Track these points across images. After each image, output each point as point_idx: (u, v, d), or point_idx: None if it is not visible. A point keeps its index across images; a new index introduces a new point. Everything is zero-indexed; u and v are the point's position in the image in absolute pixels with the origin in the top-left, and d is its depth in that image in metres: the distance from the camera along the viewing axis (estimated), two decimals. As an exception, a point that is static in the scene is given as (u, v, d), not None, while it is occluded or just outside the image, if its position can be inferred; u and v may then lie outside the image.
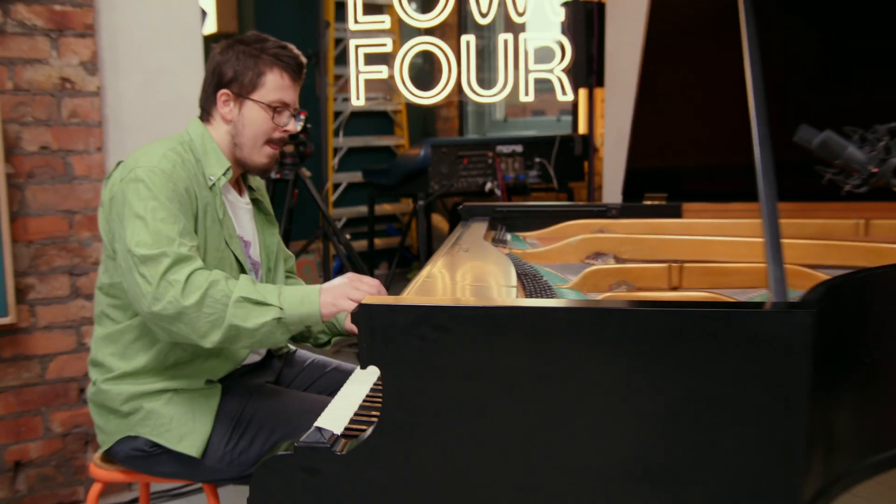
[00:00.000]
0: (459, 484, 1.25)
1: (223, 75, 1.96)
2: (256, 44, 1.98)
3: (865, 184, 1.89)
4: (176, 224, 1.75)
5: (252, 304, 1.68)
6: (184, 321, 1.69)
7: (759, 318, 1.23)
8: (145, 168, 1.79)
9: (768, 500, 1.25)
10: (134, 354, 1.91)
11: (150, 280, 1.68)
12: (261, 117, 1.97)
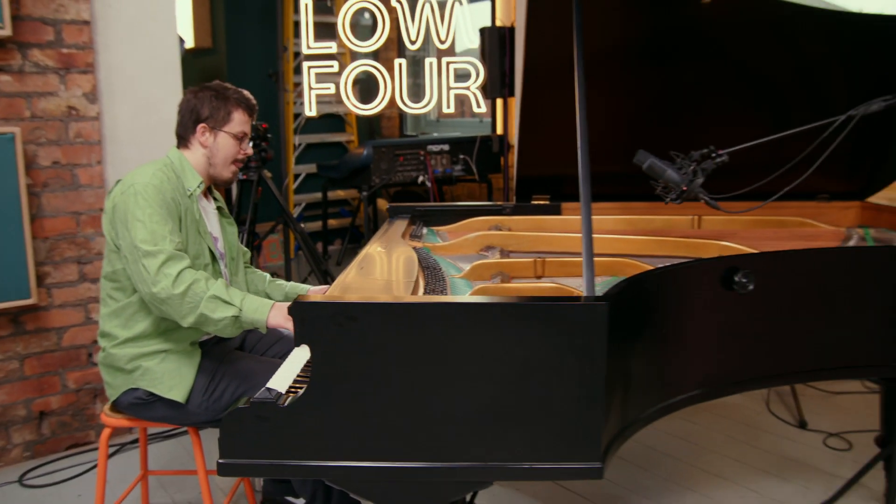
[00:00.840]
0: (366, 425, 1.53)
1: (201, 112, 2.23)
2: (222, 90, 2.26)
3: (679, 198, 2.16)
4: (166, 225, 2.03)
5: (220, 302, 1.96)
6: (170, 304, 1.97)
7: (571, 309, 1.50)
8: (141, 184, 2.06)
9: (579, 435, 1.53)
10: (134, 324, 2.15)
11: (150, 270, 1.96)
12: (230, 144, 2.25)
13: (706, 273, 1.93)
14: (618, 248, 2.45)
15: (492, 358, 1.50)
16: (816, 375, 2.23)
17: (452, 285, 2.03)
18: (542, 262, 2.18)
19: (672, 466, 3.02)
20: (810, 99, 2.66)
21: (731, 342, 1.99)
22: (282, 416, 1.53)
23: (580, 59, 2.03)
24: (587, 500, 2.77)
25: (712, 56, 2.56)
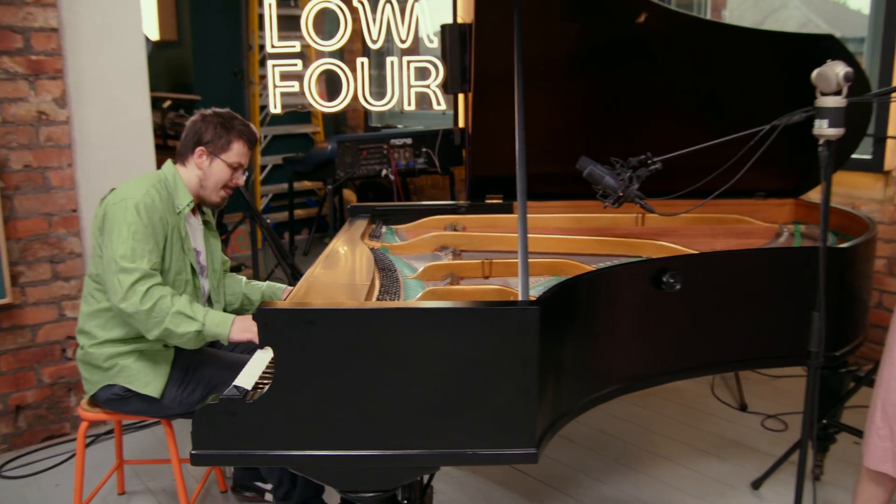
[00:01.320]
0: (324, 418, 1.71)
1: (203, 136, 2.38)
2: (229, 120, 2.40)
3: (617, 202, 2.36)
4: (147, 244, 2.19)
5: (184, 317, 2.15)
6: (136, 318, 2.16)
7: (506, 313, 1.70)
8: (134, 199, 2.21)
9: (516, 425, 1.72)
10: (112, 327, 2.32)
11: (123, 285, 2.13)
12: (224, 171, 2.40)
13: (637, 274, 2.14)
14: (562, 248, 2.65)
15: (436, 357, 1.69)
16: (740, 365, 2.46)
17: (406, 286, 2.22)
18: (489, 264, 2.38)
19: (619, 448, 3.25)
20: (746, 106, 2.86)
21: (660, 337, 2.21)
22: (248, 411, 1.71)
23: (520, 67, 2.20)
24: (538, 481, 2.98)
25: (654, 67, 2.76)
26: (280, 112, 4.38)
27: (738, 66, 2.74)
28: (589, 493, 2.91)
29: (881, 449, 2.11)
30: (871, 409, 2.18)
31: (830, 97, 1.82)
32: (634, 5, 2.45)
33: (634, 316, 2.15)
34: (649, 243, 2.58)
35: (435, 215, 3.07)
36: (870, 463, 2.15)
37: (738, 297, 2.31)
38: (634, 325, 2.15)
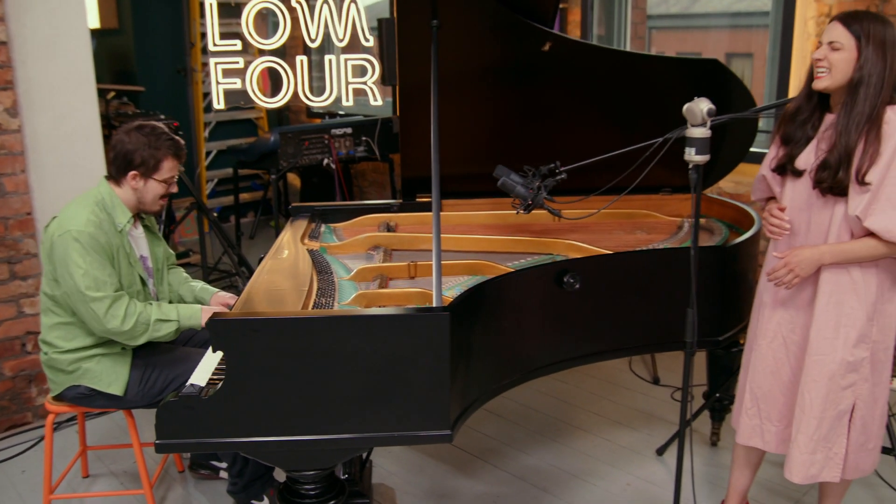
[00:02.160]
0: (269, 410, 2.04)
1: (132, 161, 2.60)
2: (154, 139, 2.60)
3: (527, 209, 2.69)
4: (104, 269, 2.47)
5: (163, 322, 2.48)
6: (121, 336, 2.49)
7: (421, 318, 2.04)
8: (76, 230, 2.45)
9: (432, 411, 2.07)
10: (73, 338, 2.60)
11: (99, 313, 2.44)
12: (159, 187, 2.66)
13: (541, 276, 2.50)
14: (481, 247, 3.00)
15: (364, 356, 2.02)
16: (635, 351, 2.85)
17: (340, 288, 2.54)
18: (414, 266, 2.71)
19: (541, 421, 3.64)
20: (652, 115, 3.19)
21: (563, 329, 2.58)
22: (204, 405, 2.03)
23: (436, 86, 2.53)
24: (468, 453, 3.36)
25: (565, 83, 3.08)
26: (223, 108, 4.62)
27: (640, 83, 3.09)
28: (513, 463, 3.30)
29: (751, 427, 2.51)
30: (738, 392, 2.58)
31: (698, 128, 2.17)
32: (541, 36, 2.78)
33: (539, 312, 2.51)
34: (559, 242, 2.94)
35: (370, 214, 3.39)
36: (742, 439, 2.55)
37: (632, 292, 2.69)
38: (540, 320, 2.52)
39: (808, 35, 4.04)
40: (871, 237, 2.15)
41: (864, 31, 2.13)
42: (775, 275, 2.27)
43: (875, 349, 2.26)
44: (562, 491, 3.09)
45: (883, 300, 2.24)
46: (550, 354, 2.57)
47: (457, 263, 2.72)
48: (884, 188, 2.10)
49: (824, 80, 2.17)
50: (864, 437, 2.33)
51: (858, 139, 2.13)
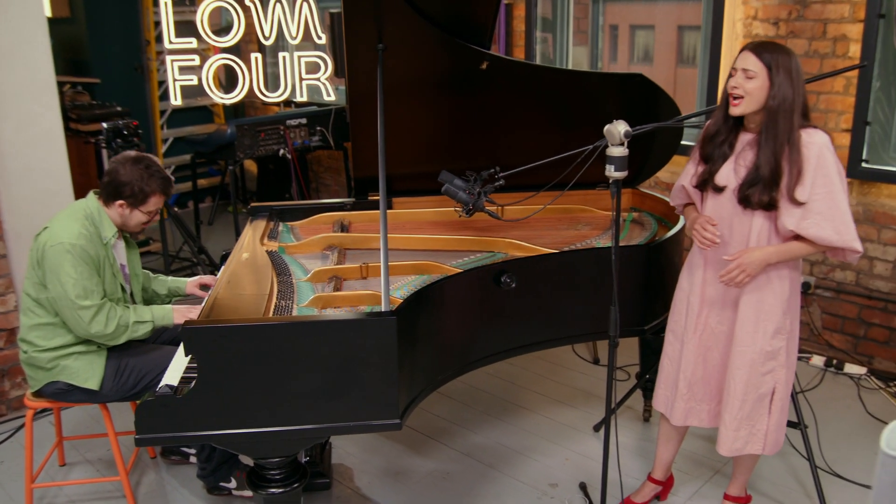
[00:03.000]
0: (236, 406, 2.32)
1: (122, 191, 2.87)
2: (147, 176, 2.89)
3: (469, 213, 2.97)
4: (92, 279, 2.75)
5: (140, 324, 2.76)
6: (103, 338, 2.77)
7: (370, 323, 2.33)
8: (68, 243, 2.72)
9: (383, 403, 2.36)
10: (52, 337, 2.85)
11: (85, 319, 2.72)
12: (143, 216, 2.95)
13: (480, 277, 2.80)
14: (428, 246, 3.29)
15: (321, 356, 2.31)
16: (569, 340, 3.18)
17: (298, 289, 2.82)
18: (366, 267, 2.99)
19: (488, 401, 3.98)
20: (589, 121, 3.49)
21: (501, 323, 2.89)
22: (178, 403, 2.30)
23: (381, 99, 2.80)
24: (420, 433, 3.68)
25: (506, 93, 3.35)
26: (181, 104, 4.83)
27: (575, 93, 3.39)
28: (461, 442, 3.63)
29: (687, 409, 2.85)
30: (663, 383, 2.91)
31: (616, 148, 2.46)
32: (478, 56, 3.06)
33: (479, 310, 2.82)
34: (500, 240, 3.25)
35: (325, 213, 3.65)
36: (679, 422, 2.88)
37: (565, 287, 3.01)
38: (480, 317, 2.83)
39: (737, 36, 4.37)
40: (802, 240, 2.49)
41: (773, 61, 2.43)
42: (729, 276, 2.57)
43: (789, 339, 2.61)
44: (506, 466, 3.42)
45: (794, 296, 2.60)
46: (489, 347, 2.88)
47: (404, 264, 3.00)
48: (813, 204, 2.42)
49: (740, 107, 2.48)
50: (781, 417, 2.70)
51: (782, 159, 2.44)
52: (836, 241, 2.43)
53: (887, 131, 4.07)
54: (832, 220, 2.42)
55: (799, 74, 2.45)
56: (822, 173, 2.42)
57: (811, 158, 2.42)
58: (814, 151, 2.42)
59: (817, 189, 2.43)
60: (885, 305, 4.16)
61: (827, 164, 2.42)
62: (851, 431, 3.70)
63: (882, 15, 3.82)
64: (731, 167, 2.56)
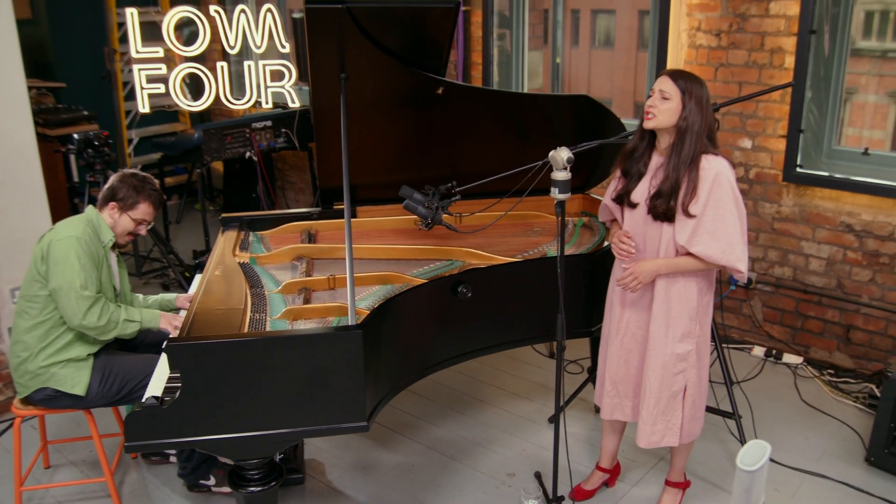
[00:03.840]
0: (217, 414, 2.59)
1: (116, 195, 3.19)
2: (140, 185, 3.20)
3: (428, 227, 3.24)
4: (93, 273, 3.03)
5: (129, 322, 3.03)
6: (95, 331, 3.03)
7: (338, 336, 2.60)
8: (75, 237, 3.02)
9: (351, 408, 2.64)
10: (46, 336, 3.09)
11: (82, 308, 2.98)
12: (130, 223, 3.22)
13: (438, 288, 3.09)
14: (391, 255, 3.56)
15: (294, 367, 2.58)
16: (522, 343, 3.48)
17: (271, 301, 3.08)
18: (333, 279, 3.26)
19: (451, 396, 4.28)
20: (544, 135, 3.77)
21: (459, 330, 3.18)
22: (164, 413, 2.56)
23: (345, 126, 3.05)
24: (387, 427, 3.97)
25: (466, 111, 3.61)
26: (149, 112, 5.03)
27: (528, 112, 3.68)
28: (425, 435, 3.92)
29: (612, 405, 3.17)
30: (598, 380, 3.23)
31: (560, 173, 2.75)
32: (434, 82, 3.32)
33: (438, 318, 3.11)
34: (457, 249, 3.52)
35: (293, 222, 3.90)
36: (606, 416, 3.21)
37: (517, 294, 3.30)
38: (438, 324, 3.12)
39: (682, 46, 4.67)
40: (693, 256, 2.80)
41: (687, 88, 2.74)
42: (623, 282, 2.91)
43: (699, 343, 2.93)
44: (466, 458, 3.73)
45: (702, 303, 2.91)
46: (447, 352, 3.18)
47: (368, 275, 3.27)
48: (702, 223, 2.74)
49: (652, 122, 2.78)
50: (693, 410, 3.02)
51: (682, 177, 2.76)
52: (721, 260, 2.75)
53: (819, 139, 4.41)
54: (720, 240, 2.74)
55: (708, 103, 2.77)
56: (716, 197, 2.73)
57: (708, 180, 2.73)
58: (711, 175, 2.73)
59: (709, 211, 2.74)
60: (820, 299, 4.52)
61: (722, 189, 2.73)
62: (786, 418, 4.05)
63: (813, 31, 4.14)
64: (645, 185, 2.87)
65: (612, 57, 5.62)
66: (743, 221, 2.78)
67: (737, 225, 2.76)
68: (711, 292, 2.96)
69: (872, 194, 4.20)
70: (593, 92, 5.69)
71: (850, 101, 4.44)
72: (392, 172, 3.79)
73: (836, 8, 4.21)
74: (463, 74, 5.66)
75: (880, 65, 4.32)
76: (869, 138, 4.41)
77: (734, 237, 2.75)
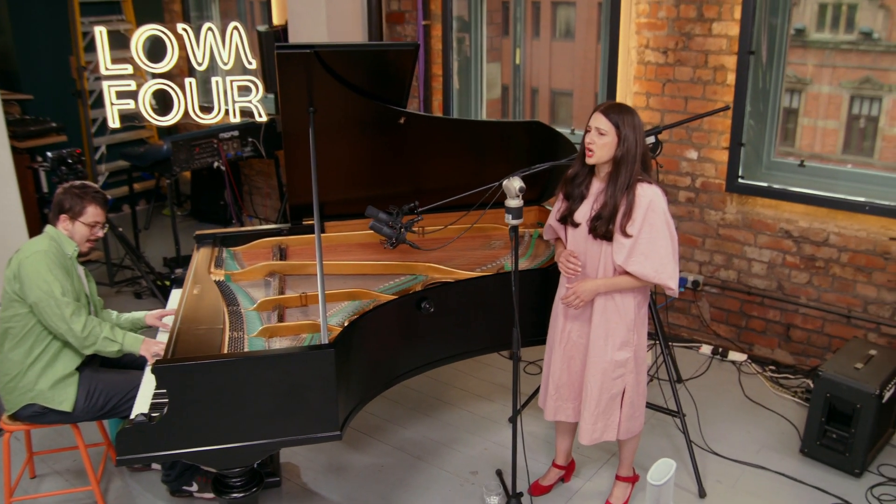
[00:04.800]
0: (200, 428, 2.85)
1: (63, 206, 3.39)
2: (82, 191, 3.40)
3: (393, 246, 3.51)
4: (67, 280, 3.26)
5: (109, 341, 3.25)
6: (78, 341, 3.25)
7: (310, 355, 2.88)
8: (43, 251, 3.25)
9: (324, 419, 2.92)
10: (31, 350, 3.32)
11: (66, 313, 3.21)
12: (84, 229, 3.42)
13: (403, 305, 3.37)
14: (358, 270, 3.83)
15: (271, 383, 2.85)
16: (481, 352, 3.77)
17: (247, 319, 3.35)
18: (305, 296, 3.53)
19: (416, 398, 4.57)
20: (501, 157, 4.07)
21: (422, 342, 3.48)
22: (152, 429, 2.82)
23: (314, 157, 3.32)
24: (357, 430, 4.26)
25: (428, 135, 3.90)
26: (119, 126, 5.24)
27: (486, 136, 3.98)
28: (393, 437, 4.22)
29: (555, 407, 3.48)
30: (542, 384, 3.54)
31: (513, 200, 3.05)
32: (396, 113, 3.60)
33: (403, 332, 3.40)
34: (421, 264, 3.81)
35: (264, 238, 4.16)
36: (550, 417, 3.52)
37: (476, 307, 3.60)
38: (404, 338, 3.41)
39: (631, 62, 4.99)
40: (629, 274, 3.12)
41: (620, 120, 3.05)
42: (567, 300, 3.22)
43: (636, 350, 3.25)
44: (432, 458, 4.03)
45: (639, 316, 3.23)
46: (412, 363, 3.47)
47: (338, 292, 3.55)
48: (638, 245, 3.06)
49: (593, 158, 3.09)
50: (632, 410, 3.35)
51: (620, 202, 3.07)
52: (654, 278, 3.08)
53: (759, 152, 4.76)
54: (653, 260, 3.07)
55: (641, 129, 3.08)
56: (650, 221, 3.05)
57: (642, 207, 3.05)
58: (645, 202, 3.05)
59: (643, 234, 3.06)
60: (762, 300, 4.88)
61: (655, 215, 3.05)
62: (730, 413, 4.41)
63: (752, 52, 4.48)
64: (587, 207, 3.18)
65: (572, 49, 5.84)
66: (674, 243, 3.11)
67: (668, 247, 3.08)
68: (646, 305, 3.29)
69: (808, 204, 4.56)
70: (554, 83, 5.97)
71: (804, 92, 4.76)
72: (359, 189, 4.05)
73: (773, 32, 4.55)
74: (424, 85, 5.93)
75: (833, 56, 4.62)
76: (823, 128, 4.74)
77: (666, 258, 3.07)
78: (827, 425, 3.92)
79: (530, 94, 6.09)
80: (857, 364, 3.94)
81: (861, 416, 3.80)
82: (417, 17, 5.84)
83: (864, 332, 4.56)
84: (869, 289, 4.50)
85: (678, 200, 5.04)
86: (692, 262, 5.11)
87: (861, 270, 4.50)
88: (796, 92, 4.79)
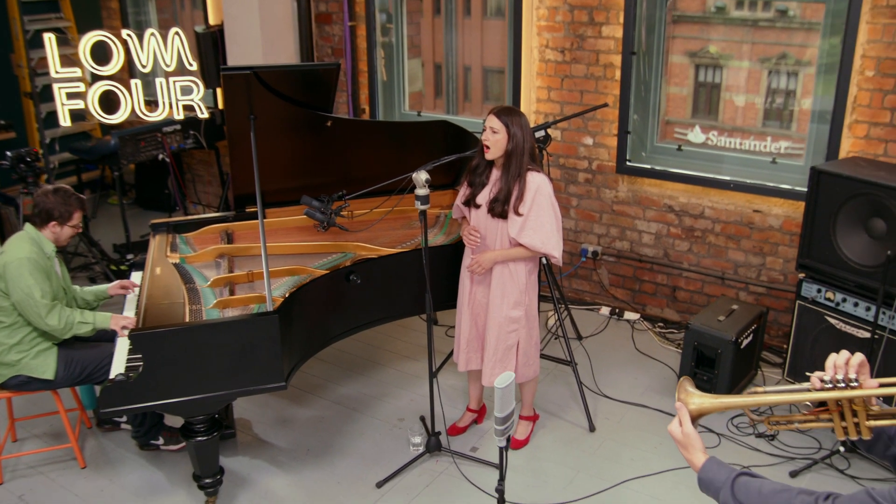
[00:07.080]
0: (169, 383, 3.55)
1: (52, 214, 3.99)
2: (66, 198, 4.01)
3: (325, 229, 4.25)
4: (46, 283, 3.87)
5: (83, 324, 3.90)
6: (55, 331, 3.88)
7: (258, 321, 3.60)
8: (24, 257, 3.83)
9: (271, 373, 3.64)
10: (14, 334, 3.92)
11: (42, 314, 3.83)
12: (70, 231, 4.06)
13: (334, 278, 4.12)
14: (297, 250, 4.55)
15: (227, 345, 3.56)
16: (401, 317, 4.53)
17: (203, 295, 4.05)
18: (251, 273, 4.24)
19: (350, 360, 5.33)
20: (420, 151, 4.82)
21: (352, 308, 4.23)
22: (130, 385, 3.52)
23: (255, 148, 4.03)
24: (299, 389, 5.00)
25: (354, 133, 4.63)
26: (70, 125, 5.84)
27: (405, 133, 4.73)
28: (332, 393, 4.97)
29: (466, 358, 4.26)
30: (455, 341, 4.32)
31: (421, 189, 3.79)
32: (324, 118, 4.32)
33: (336, 300, 4.14)
34: (350, 243, 4.55)
35: (213, 224, 4.84)
36: (462, 368, 4.30)
37: (396, 278, 4.36)
38: (336, 305, 4.15)
39: (534, 60, 5.76)
40: (522, 246, 3.90)
41: (510, 121, 3.82)
42: (470, 268, 4.01)
43: (527, 309, 4.05)
44: (366, 409, 4.80)
45: (530, 281, 4.03)
46: (343, 326, 4.22)
47: (279, 269, 4.27)
48: (528, 222, 3.84)
49: (490, 154, 3.86)
50: (526, 359, 4.16)
51: (513, 187, 3.85)
52: (541, 248, 3.87)
53: (643, 139, 5.60)
54: (540, 234, 3.85)
55: (528, 127, 3.86)
56: (538, 202, 3.84)
57: (531, 191, 3.83)
58: (533, 187, 3.83)
59: (532, 213, 3.84)
60: (651, 266, 5.74)
61: (542, 197, 3.84)
62: (621, 363, 5.26)
63: (634, 52, 5.29)
64: (487, 192, 3.95)
65: (502, 28, 6.36)
66: (558, 221, 3.90)
67: (553, 223, 3.87)
68: (536, 272, 4.09)
69: (685, 183, 5.41)
70: (486, 61, 6.54)
71: (726, 68, 5.37)
72: (295, 180, 4.76)
73: (652, 36, 5.37)
74: (352, 80, 6.63)
75: (752, 33, 5.17)
76: (745, 103, 5.31)
77: (551, 232, 3.86)
78: (696, 369, 4.79)
79: (462, 71, 6.66)
80: (720, 317, 4.81)
81: (722, 359, 4.67)
82: (344, 18, 6.52)
83: (736, 291, 5.45)
84: (738, 254, 5.38)
85: (578, 181, 5.86)
86: (591, 235, 5.95)
87: (731, 238, 5.37)
88: (718, 68, 5.47)
